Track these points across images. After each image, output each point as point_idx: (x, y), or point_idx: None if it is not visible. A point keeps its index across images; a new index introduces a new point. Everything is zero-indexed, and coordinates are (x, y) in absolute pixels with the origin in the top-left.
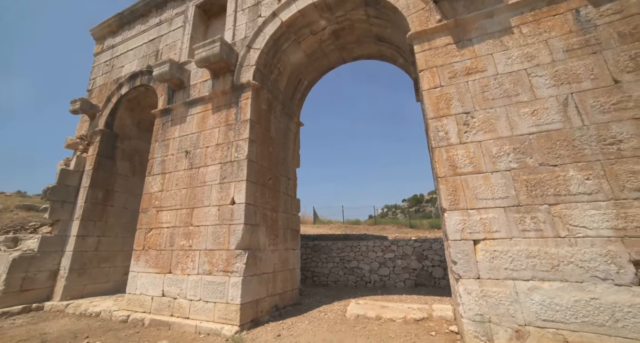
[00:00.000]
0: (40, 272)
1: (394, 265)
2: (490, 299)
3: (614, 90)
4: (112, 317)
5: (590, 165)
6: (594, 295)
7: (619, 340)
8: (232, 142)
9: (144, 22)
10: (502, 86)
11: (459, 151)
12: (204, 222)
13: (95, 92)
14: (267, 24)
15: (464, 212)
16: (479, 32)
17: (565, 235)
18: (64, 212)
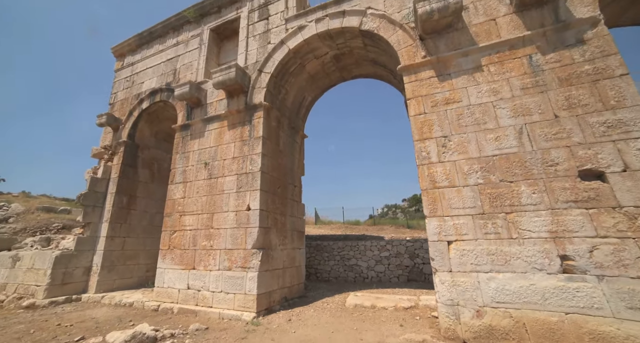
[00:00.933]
0: (77, 268)
1: (389, 263)
2: (459, 287)
3: (554, 123)
4: (145, 307)
5: (536, 182)
6: (532, 282)
7: (545, 313)
8: (247, 156)
9: (161, 42)
10: (473, 115)
11: (438, 168)
12: (223, 225)
13: (117, 105)
14: (276, 50)
15: (441, 218)
16: (456, 68)
17: (516, 237)
18: (94, 215)
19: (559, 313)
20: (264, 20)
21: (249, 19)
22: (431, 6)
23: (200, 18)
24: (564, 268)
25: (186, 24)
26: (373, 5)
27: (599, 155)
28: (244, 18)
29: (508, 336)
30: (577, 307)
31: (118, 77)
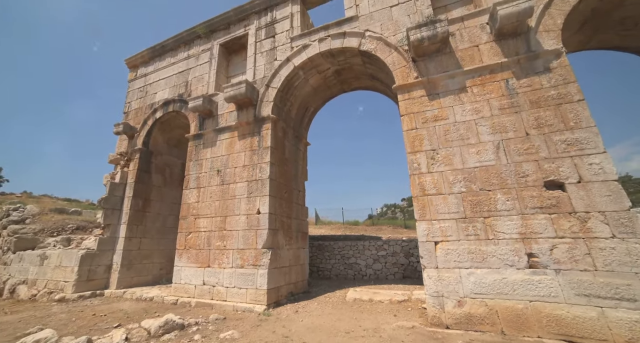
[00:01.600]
0: (99, 266)
1: (386, 261)
2: (444, 281)
3: (526, 140)
4: (164, 301)
5: (509, 190)
6: (504, 276)
7: (513, 302)
8: (256, 164)
9: (173, 55)
10: (458, 131)
11: (427, 178)
12: (235, 227)
13: (131, 114)
14: (282, 67)
15: (429, 222)
16: (444, 88)
17: (492, 238)
18: (113, 217)
19: (525, 301)
20: (270, 38)
21: (256, 37)
22: (422, 34)
23: (210, 34)
24: (530, 264)
25: (197, 39)
26: (371, 28)
27: (560, 169)
28: (251, 35)
29: (483, 321)
30: (538, 295)
31: (131, 87)
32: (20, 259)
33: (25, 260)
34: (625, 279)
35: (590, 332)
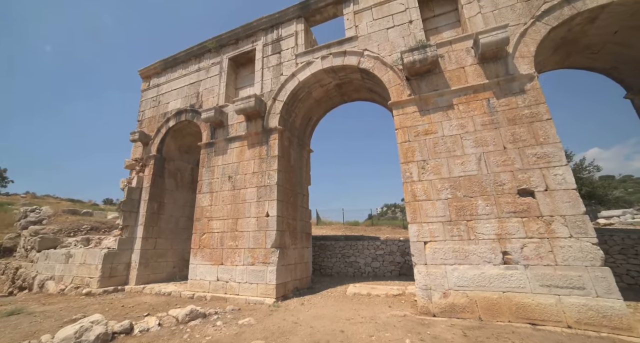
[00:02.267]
0: (120, 264)
1: (383, 260)
2: (431, 276)
3: (503, 153)
4: (181, 295)
5: (489, 197)
6: (483, 271)
7: (489, 292)
8: (265, 171)
9: (184, 67)
10: (445, 144)
11: (418, 186)
12: (246, 228)
13: (145, 122)
14: (287, 82)
15: (419, 224)
16: (434, 105)
17: (473, 238)
18: (131, 219)
19: (499, 292)
20: (276, 54)
21: (263, 52)
22: (414, 57)
23: (219, 48)
24: (504, 260)
25: (207, 53)
26: (369, 48)
27: (531, 178)
28: (258, 50)
29: (464, 310)
30: (510, 287)
31: (145, 97)
32: (46, 257)
33: (51, 258)
34: (578, 271)
35: (549, 316)
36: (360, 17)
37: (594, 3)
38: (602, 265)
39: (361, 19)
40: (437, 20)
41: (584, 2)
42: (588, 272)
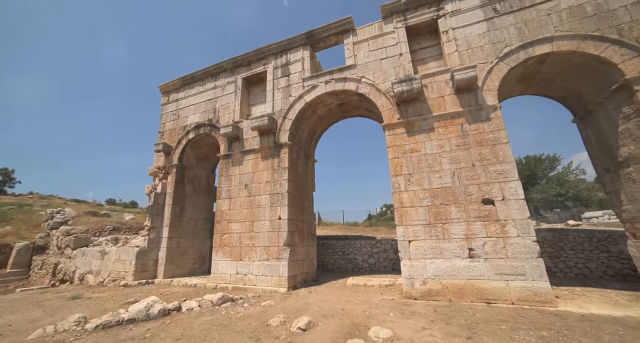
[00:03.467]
0: (149, 260)
1: (379, 257)
2: (414, 268)
3: (472, 169)
4: (206, 287)
5: (460, 205)
6: (453, 264)
7: (457, 280)
8: (277, 181)
9: (201, 84)
10: (427, 161)
11: (404, 195)
12: (261, 229)
13: (166, 133)
14: (295, 102)
15: (405, 226)
16: (418, 128)
17: (447, 238)
18: (157, 221)
19: (465, 280)
20: (285, 77)
21: (273, 74)
22: (402, 88)
23: (234, 69)
24: (470, 255)
25: (222, 72)
26: (366, 75)
27: (492, 190)
28: (269, 73)
29: (438, 294)
30: (473, 276)
31: (165, 110)
32: (83, 254)
33: (88, 255)
34: (521, 262)
35: (500, 296)
36: (359, 47)
37: (540, 51)
38: (538, 257)
39: (359, 50)
40: (423, 51)
41: (533, 50)
42: (528, 262)
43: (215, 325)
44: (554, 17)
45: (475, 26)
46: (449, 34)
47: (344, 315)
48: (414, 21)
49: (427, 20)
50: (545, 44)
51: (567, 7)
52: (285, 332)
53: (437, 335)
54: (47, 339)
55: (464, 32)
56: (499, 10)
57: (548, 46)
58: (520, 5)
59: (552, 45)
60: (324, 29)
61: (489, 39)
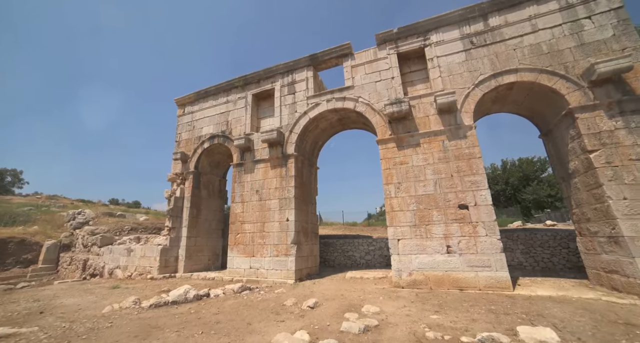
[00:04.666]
0: (171, 257)
1: (374, 254)
2: (402, 262)
3: (450, 179)
4: (223, 279)
5: (440, 209)
6: (434, 258)
7: (437, 272)
8: (285, 187)
9: (215, 99)
10: (414, 171)
11: (394, 201)
12: (271, 230)
13: (182, 143)
14: (301, 118)
15: (395, 227)
16: (407, 143)
17: (429, 237)
18: (177, 222)
19: (443, 271)
20: (291, 95)
21: (281, 92)
22: (393, 109)
23: (244, 85)
24: (448, 251)
25: (234, 88)
26: (363, 96)
27: (467, 197)
28: (277, 90)
29: (421, 283)
30: (450, 268)
31: (180, 121)
32: (110, 252)
33: (115, 252)
34: (488, 256)
35: (471, 284)
36: (356, 70)
37: (508, 80)
38: (501, 252)
39: (357, 72)
40: (412, 74)
41: (502, 78)
42: (493, 256)
43: (242, 305)
44: (519, 52)
45: (455, 55)
46: (434, 61)
47: (343, 299)
48: (404, 48)
49: (416, 48)
50: (512, 74)
51: (529, 44)
52: (298, 309)
53: (413, 310)
54: (117, 312)
55: (447, 60)
56: (475, 43)
57: (514, 76)
58: (492, 40)
59: (517, 75)
60: (325, 53)
61: (467, 67)
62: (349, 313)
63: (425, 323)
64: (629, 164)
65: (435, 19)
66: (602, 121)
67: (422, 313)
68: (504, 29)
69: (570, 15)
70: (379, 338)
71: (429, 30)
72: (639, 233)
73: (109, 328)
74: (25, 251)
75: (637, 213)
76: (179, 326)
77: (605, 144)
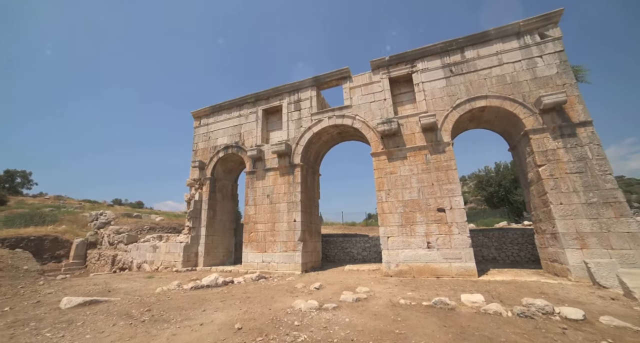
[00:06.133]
0: (192, 253)
1: (370, 250)
2: (391, 255)
3: (431, 187)
4: (239, 271)
5: (423, 212)
6: (417, 253)
7: (419, 263)
8: (292, 192)
9: (228, 112)
10: (401, 180)
11: (385, 204)
12: (280, 229)
13: (199, 152)
14: (306, 132)
15: (385, 227)
16: (396, 156)
17: (413, 235)
18: (196, 223)
19: (424, 263)
20: (297, 111)
21: (288, 109)
22: (384, 127)
23: (255, 102)
24: (428, 246)
25: (245, 104)
26: (359, 114)
27: (444, 202)
28: (285, 106)
29: (406, 273)
30: (429, 260)
31: (197, 132)
32: (137, 248)
33: (141, 248)
34: (459, 250)
35: (445, 273)
36: (354, 91)
37: (480, 104)
38: (469, 247)
39: (354, 93)
40: (402, 96)
41: (475, 103)
42: (464, 250)
43: (262, 288)
44: (488, 81)
45: (437, 82)
46: (419, 86)
47: (342, 284)
48: (395, 74)
49: (404, 73)
50: (483, 99)
51: (496, 75)
52: (306, 290)
53: (395, 290)
54: (168, 292)
55: (430, 85)
56: (454, 71)
57: (484, 101)
58: (467, 69)
59: (487, 101)
60: (327, 76)
61: (447, 92)
62: (346, 291)
63: (401, 296)
64: (565, 176)
65: (421, 50)
66: (548, 141)
67: (401, 291)
68: (477, 61)
69: (527, 54)
70: (366, 304)
71: (416, 59)
72: (569, 230)
73: (170, 300)
74: (58, 247)
75: (569, 214)
76: (220, 299)
77: (550, 160)
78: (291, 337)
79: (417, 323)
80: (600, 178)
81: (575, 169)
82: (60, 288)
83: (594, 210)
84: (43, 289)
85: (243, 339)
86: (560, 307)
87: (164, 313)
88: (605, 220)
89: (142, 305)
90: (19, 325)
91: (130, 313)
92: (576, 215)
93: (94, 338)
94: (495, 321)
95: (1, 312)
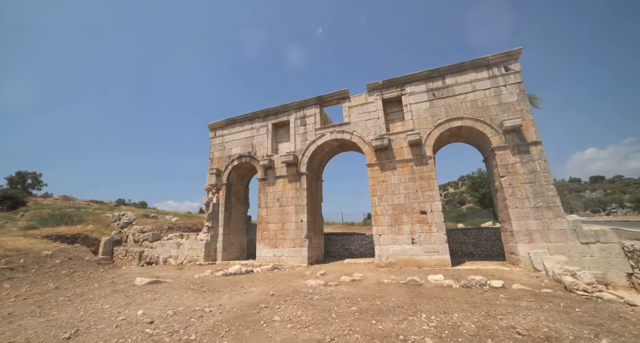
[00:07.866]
0: (211, 249)
1: (366, 247)
2: (382, 250)
3: (415, 193)
4: (254, 264)
5: (409, 214)
6: (403, 247)
7: (405, 256)
8: (299, 197)
9: (241, 125)
10: (391, 187)
11: (377, 208)
12: (289, 228)
13: (215, 160)
14: (310, 145)
15: (377, 226)
16: (387, 167)
17: (400, 233)
18: (215, 223)
19: (409, 256)
20: (303, 126)
21: (294, 123)
22: (377, 142)
23: (265, 116)
24: (412, 242)
25: (257, 118)
26: (356, 130)
27: (426, 206)
28: (292, 121)
29: (395, 264)
30: (413, 254)
31: (212, 143)
32: (162, 245)
33: (166, 245)
34: (437, 245)
35: (425, 264)
36: (352, 110)
37: (457, 124)
38: (445, 243)
39: (352, 112)
40: (393, 114)
41: (453, 123)
42: (441, 245)
43: (278, 275)
44: (464, 105)
45: (422, 104)
46: (407, 107)
47: (342, 271)
48: (387, 96)
49: (395, 95)
50: (459, 120)
51: (469, 100)
52: (314, 275)
53: (383, 275)
54: (205, 278)
55: (416, 107)
56: (436, 95)
57: (460, 122)
58: (447, 94)
59: (462, 121)
60: (329, 95)
61: (430, 113)
62: (344, 276)
63: (386, 278)
64: (520, 186)
65: (409, 76)
66: (509, 157)
67: (387, 276)
68: (455, 87)
69: (495, 83)
70: (359, 283)
71: (405, 83)
72: (521, 228)
73: (211, 282)
74: (88, 244)
75: (522, 216)
76: (249, 281)
77: (510, 172)
78: (309, 297)
79: (393, 291)
80: (545, 187)
81: (527, 180)
82: (116, 274)
83: (539, 212)
84: (105, 274)
85: (277, 298)
86: (492, 280)
87: (214, 288)
88: (546, 220)
89: (194, 284)
90: (118, 292)
91: (190, 287)
92: (527, 217)
93: (180, 297)
94: (444, 289)
95: (92, 287)
